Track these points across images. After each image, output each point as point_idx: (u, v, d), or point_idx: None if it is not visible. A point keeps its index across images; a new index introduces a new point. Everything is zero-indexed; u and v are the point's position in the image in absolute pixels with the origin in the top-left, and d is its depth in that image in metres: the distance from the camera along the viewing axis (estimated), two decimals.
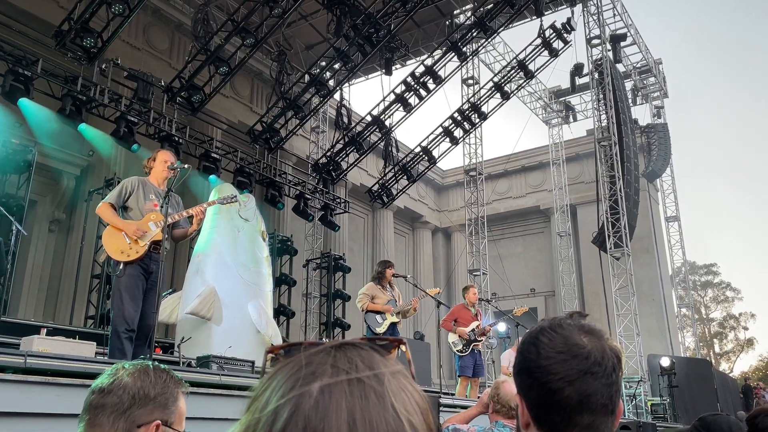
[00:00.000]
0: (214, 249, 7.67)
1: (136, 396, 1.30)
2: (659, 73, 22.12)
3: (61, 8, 11.31)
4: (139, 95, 10.58)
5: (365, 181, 18.68)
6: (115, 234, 4.60)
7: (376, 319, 7.17)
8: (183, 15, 14.69)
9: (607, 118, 15.02)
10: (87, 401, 1.32)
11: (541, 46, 15.58)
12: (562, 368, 0.96)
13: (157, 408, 1.31)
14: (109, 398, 1.29)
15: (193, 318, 7.01)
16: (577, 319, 1.04)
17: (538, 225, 24.45)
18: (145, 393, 1.31)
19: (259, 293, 7.87)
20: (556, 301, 22.30)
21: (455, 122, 16.33)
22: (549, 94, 22.79)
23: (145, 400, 1.30)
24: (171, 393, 1.35)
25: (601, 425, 0.97)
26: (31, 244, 11.85)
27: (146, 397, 1.30)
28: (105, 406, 1.29)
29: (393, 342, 0.55)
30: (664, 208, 23.33)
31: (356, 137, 15.26)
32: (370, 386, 0.47)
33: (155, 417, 1.31)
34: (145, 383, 1.32)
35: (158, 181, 4.90)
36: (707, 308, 40.44)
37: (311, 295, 15.66)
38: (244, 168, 12.47)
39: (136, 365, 1.37)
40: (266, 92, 16.31)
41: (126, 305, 4.45)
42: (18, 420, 2.92)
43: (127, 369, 1.35)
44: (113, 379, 1.32)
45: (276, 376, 0.50)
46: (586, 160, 21.89)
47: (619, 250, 14.17)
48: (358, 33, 12.41)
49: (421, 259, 23.86)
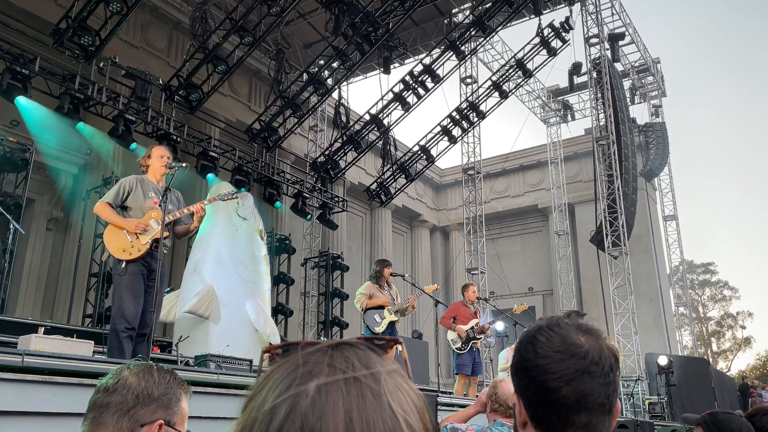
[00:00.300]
0: (212, 248, 7.67)
1: (140, 395, 1.32)
2: (657, 72, 22.14)
3: (59, 6, 11.29)
4: (137, 94, 10.57)
5: (363, 180, 18.68)
6: (117, 232, 4.59)
7: (374, 319, 7.17)
8: (181, 13, 14.67)
9: (605, 117, 15.03)
10: (92, 400, 1.34)
11: (540, 45, 15.59)
12: (560, 367, 0.96)
13: (160, 408, 1.33)
14: (114, 397, 1.31)
15: (191, 317, 7.01)
16: (575, 318, 1.04)
17: (536, 224, 24.48)
18: (149, 393, 1.33)
19: (257, 292, 7.87)
20: (554, 300, 22.33)
21: (453, 121, 16.34)
22: (547, 93, 22.80)
23: (148, 400, 1.32)
24: (174, 393, 1.37)
25: (598, 424, 0.97)
26: (28, 242, 11.83)
27: (150, 396, 1.32)
28: (109, 405, 1.31)
29: (390, 341, 0.55)
30: (662, 207, 23.37)
31: (354, 136, 15.26)
32: (367, 385, 0.47)
33: (158, 417, 1.33)
34: (149, 383, 1.34)
35: (156, 178, 4.88)
36: (705, 307, 40.55)
37: (309, 293, 15.67)
38: (242, 167, 12.47)
39: (141, 365, 1.39)
40: (264, 91, 16.30)
41: (127, 303, 4.45)
42: (15, 419, 2.92)
43: (131, 369, 1.37)
44: (118, 379, 1.34)
45: (273, 376, 0.50)
46: (584, 159, 21.91)
47: (617, 249, 14.19)
48: (356, 31, 12.41)
49: (420, 258, 23.87)
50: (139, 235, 4.59)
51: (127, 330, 4.42)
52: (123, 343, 4.38)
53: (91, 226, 10.98)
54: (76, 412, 3.06)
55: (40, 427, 3.00)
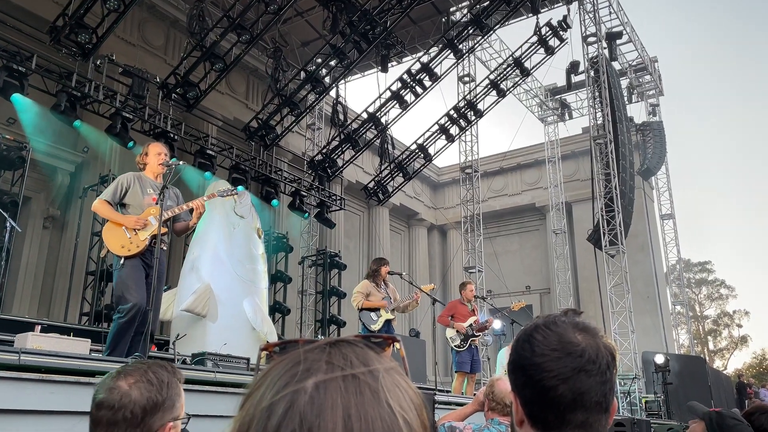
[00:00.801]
0: (209, 246, 7.65)
1: (147, 407, 1.35)
2: (655, 71, 22.17)
3: (55, 4, 11.25)
4: (135, 91, 10.54)
5: (361, 179, 18.67)
6: (115, 229, 4.57)
7: (371, 317, 7.17)
8: (178, 11, 14.64)
9: (602, 116, 15.05)
10: (97, 416, 1.36)
11: (537, 44, 15.60)
12: (556, 366, 0.97)
13: (167, 411, 1.38)
14: (121, 414, 1.34)
15: (189, 315, 6.99)
16: (572, 317, 1.04)
17: (533, 222, 24.50)
18: (155, 402, 1.36)
19: (254, 290, 7.86)
20: (551, 299, 22.37)
21: (451, 119, 16.33)
22: (545, 91, 22.81)
23: (155, 408, 1.36)
24: (175, 391, 1.41)
25: (594, 423, 0.97)
26: (25, 240, 11.80)
27: (156, 405, 1.36)
28: (118, 423, 1.34)
29: (387, 339, 0.55)
30: (659, 206, 23.40)
31: (352, 134, 15.25)
32: (365, 382, 0.48)
33: (167, 419, 1.37)
34: (152, 393, 1.37)
35: (154, 175, 4.87)
36: (701, 306, 40.64)
37: (307, 292, 15.67)
38: (239, 165, 12.45)
39: (135, 374, 1.39)
40: (262, 89, 16.28)
41: (131, 292, 4.45)
42: (12, 417, 2.91)
43: (127, 379, 1.38)
44: (120, 395, 1.35)
45: (270, 373, 0.50)
46: (582, 158, 21.93)
47: (614, 248, 14.21)
48: (354, 30, 12.40)
49: (417, 257, 23.88)
50: (138, 231, 4.58)
51: (130, 322, 4.40)
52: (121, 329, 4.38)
53: (88, 224, 10.96)
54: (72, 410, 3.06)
55: (37, 426, 2.99)
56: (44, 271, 12.32)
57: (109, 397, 1.35)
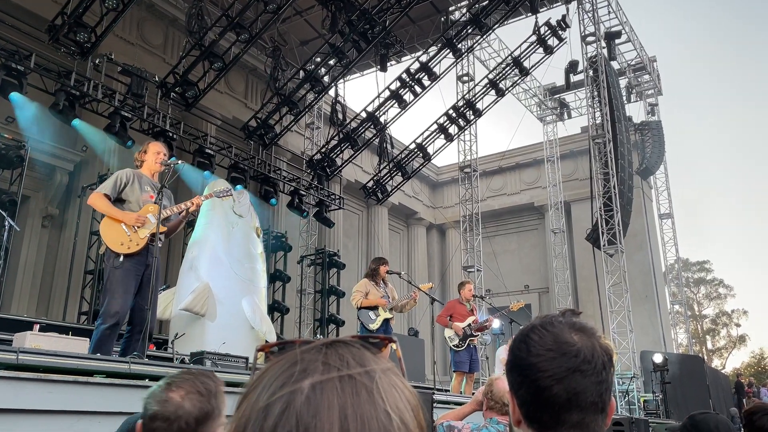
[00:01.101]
0: (208, 245, 7.64)
1: (200, 417, 1.41)
2: (653, 70, 22.17)
3: (54, 2, 11.23)
4: (133, 90, 10.54)
5: (360, 178, 18.67)
6: (114, 225, 4.53)
7: (369, 316, 7.18)
8: (177, 10, 14.62)
9: (601, 116, 15.05)
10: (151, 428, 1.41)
11: (536, 43, 15.60)
12: (551, 366, 0.97)
13: (216, 419, 1.44)
14: (176, 425, 1.39)
15: (187, 314, 6.99)
16: (569, 317, 1.04)
17: (532, 222, 24.50)
18: (206, 412, 1.42)
19: (253, 289, 7.86)
20: (549, 298, 22.37)
21: (450, 119, 16.33)
22: (544, 91, 22.81)
23: (206, 418, 1.42)
24: (221, 399, 1.47)
25: (590, 423, 0.97)
26: (23, 239, 11.79)
27: (207, 415, 1.42)
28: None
29: (384, 340, 0.55)
30: (658, 206, 23.40)
31: (351, 133, 15.24)
32: (361, 383, 0.48)
33: (216, 426, 1.44)
34: (203, 403, 1.43)
35: (151, 173, 4.86)
36: (700, 305, 40.68)
37: (305, 291, 15.67)
38: (238, 164, 12.45)
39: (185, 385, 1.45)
40: (261, 88, 16.26)
41: (117, 299, 4.41)
42: (10, 416, 2.91)
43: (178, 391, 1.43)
44: (174, 407, 1.41)
45: (267, 374, 0.50)
46: (581, 157, 21.92)
47: (612, 247, 14.22)
48: (353, 29, 12.39)
49: (416, 256, 23.88)
50: (138, 229, 4.55)
51: (112, 327, 4.38)
52: (102, 338, 4.35)
53: (86, 223, 10.95)
54: (71, 409, 3.06)
55: (36, 425, 2.99)
56: (43, 270, 12.31)
57: (163, 409, 1.40)
